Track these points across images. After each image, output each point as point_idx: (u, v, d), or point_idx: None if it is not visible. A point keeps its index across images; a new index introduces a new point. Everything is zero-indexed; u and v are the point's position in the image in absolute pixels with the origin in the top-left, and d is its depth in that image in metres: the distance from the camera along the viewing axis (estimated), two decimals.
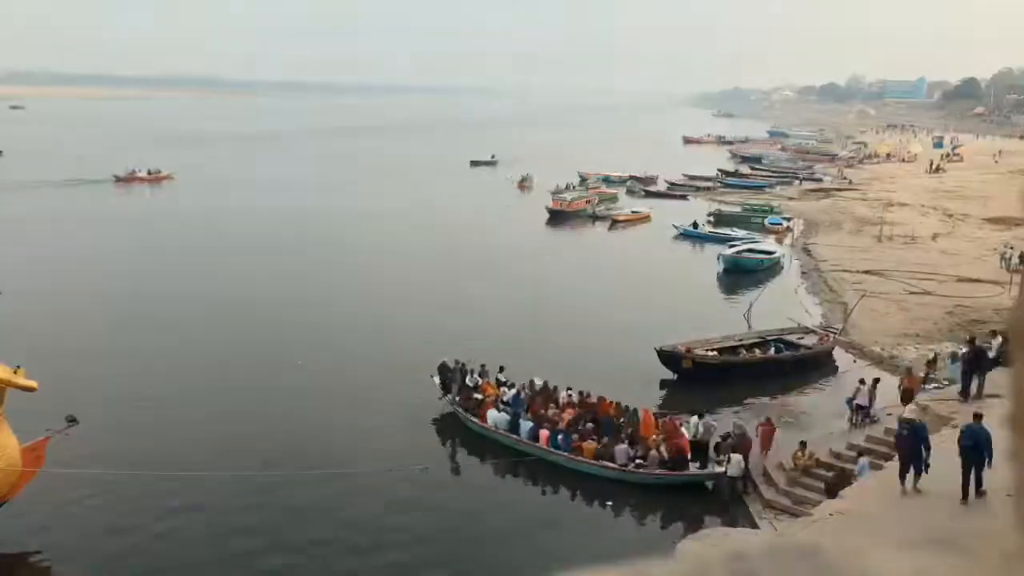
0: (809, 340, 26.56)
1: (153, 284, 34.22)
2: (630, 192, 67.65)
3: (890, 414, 18.76)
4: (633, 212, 56.16)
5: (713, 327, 29.55)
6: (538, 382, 22.01)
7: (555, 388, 21.68)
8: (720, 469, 18.35)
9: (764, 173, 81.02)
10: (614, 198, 62.82)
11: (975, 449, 11.65)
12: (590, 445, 18.94)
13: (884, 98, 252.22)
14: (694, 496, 18.41)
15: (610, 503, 18.03)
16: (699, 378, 23.56)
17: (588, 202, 57.49)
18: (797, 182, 74.31)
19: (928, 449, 12.65)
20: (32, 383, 15.99)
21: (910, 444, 12.76)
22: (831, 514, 13.71)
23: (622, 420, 20.22)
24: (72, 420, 16.69)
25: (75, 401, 19.85)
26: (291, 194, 59.48)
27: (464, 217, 53.35)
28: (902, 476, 12.92)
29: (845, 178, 74.27)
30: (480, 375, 22.20)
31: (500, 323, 30.12)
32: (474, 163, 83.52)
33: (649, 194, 66.95)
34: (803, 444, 18.42)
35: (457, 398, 21.42)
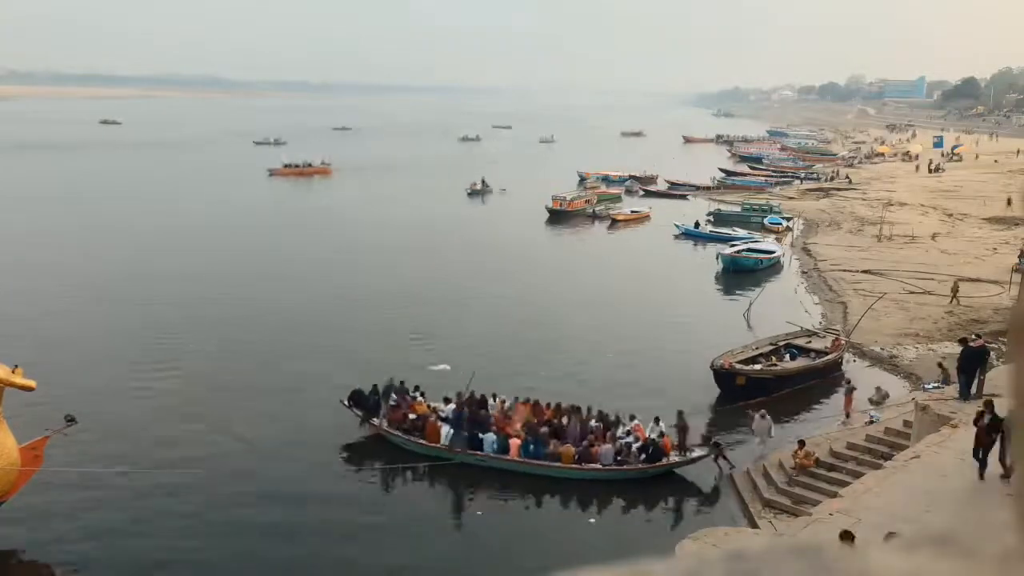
0: (816, 343, 26.41)
1: (151, 284, 34.20)
2: (628, 192, 67.67)
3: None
4: (633, 212, 56.21)
5: (712, 326, 29.58)
6: (466, 393, 20.93)
7: (483, 396, 20.78)
8: (697, 454, 18.81)
9: (765, 173, 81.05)
10: (617, 198, 62.82)
11: None
12: (569, 450, 18.62)
13: (884, 98, 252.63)
14: (678, 489, 18.38)
15: (596, 504, 17.96)
16: (750, 394, 22.88)
17: (588, 201, 57.56)
18: (797, 182, 74.33)
19: None
20: (30, 382, 15.99)
21: None
22: (831, 514, 13.71)
23: (568, 419, 19.70)
24: (71, 419, 16.71)
25: (74, 400, 19.91)
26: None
27: (460, 214, 53.36)
28: None
29: (846, 177, 74.33)
30: (399, 392, 20.92)
31: (500, 325, 30.04)
32: None
33: (648, 193, 66.99)
34: (801, 443, 18.40)
35: (386, 420, 20.16)
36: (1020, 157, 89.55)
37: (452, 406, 20.20)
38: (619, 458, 18.63)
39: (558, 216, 54.26)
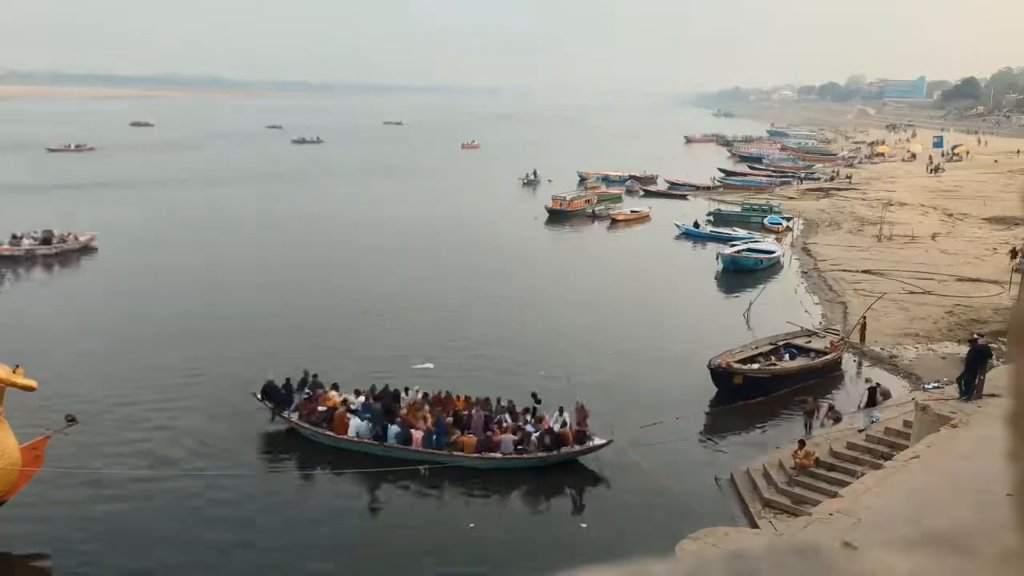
0: (816, 343, 26.40)
1: (152, 285, 34.20)
2: (629, 192, 67.70)
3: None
4: (632, 212, 56.27)
5: (713, 326, 29.58)
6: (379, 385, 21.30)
7: (395, 391, 21.02)
8: (597, 442, 19.19)
9: (765, 173, 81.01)
10: (617, 198, 62.81)
11: None
12: (470, 440, 19.10)
13: (884, 98, 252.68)
14: (678, 488, 18.37)
15: (589, 503, 17.99)
16: (747, 393, 22.99)
17: (588, 201, 57.61)
18: (797, 182, 74.33)
19: None
20: (31, 382, 16.00)
21: None
22: (831, 514, 13.70)
23: (472, 411, 20.09)
24: (72, 419, 16.74)
25: (74, 400, 19.93)
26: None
27: (460, 214, 53.31)
28: None
29: (847, 177, 74.38)
30: (312, 386, 21.01)
31: (500, 325, 30.04)
32: None
33: (648, 193, 67.01)
34: (801, 443, 18.42)
35: (296, 414, 20.28)
36: (1020, 157, 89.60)
37: (362, 398, 20.61)
38: (519, 447, 19.13)
39: (558, 216, 54.30)
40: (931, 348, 27.32)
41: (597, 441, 19.32)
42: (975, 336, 19.37)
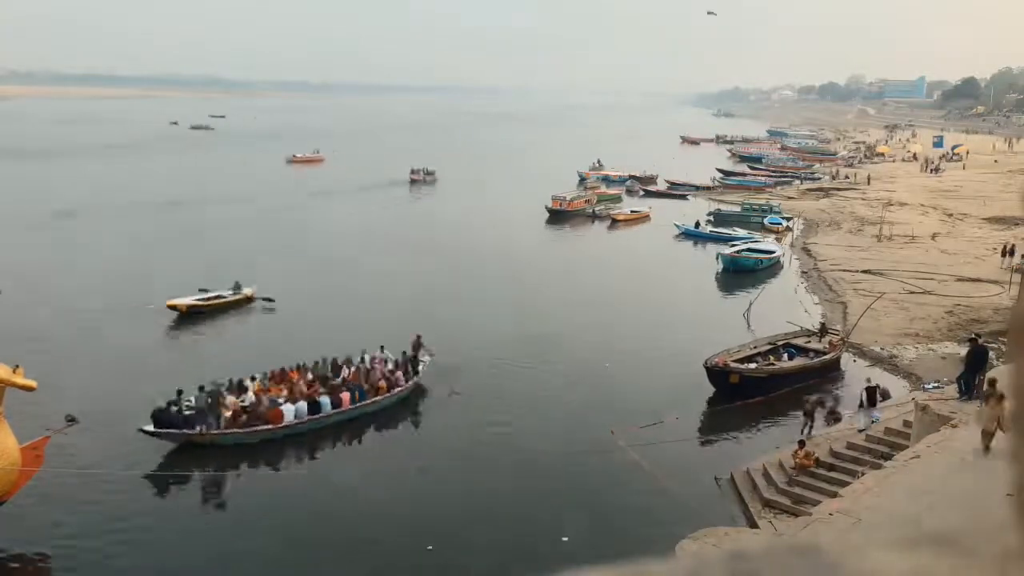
0: (815, 342, 26.39)
1: (152, 283, 34.19)
2: (629, 192, 67.71)
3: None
4: (632, 212, 56.27)
5: (713, 326, 29.59)
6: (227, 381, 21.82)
7: (240, 380, 21.56)
8: (426, 359, 23.86)
9: (764, 173, 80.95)
10: (617, 198, 62.81)
11: None
12: (383, 384, 22.29)
13: (884, 98, 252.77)
14: (678, 488, 18.36)
15: (585, 503, 17.98)
16: (744, 392, 22.98)
17: (588, 201, 57.62)
18: (798, 182, 74.29)
19: None
20: (31, 382, 16.00)
21: None
22: (831, 514, 13.71)
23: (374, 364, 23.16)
24: (72, 419, 16.76)
25: (74, 400, 19.91)
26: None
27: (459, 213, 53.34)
28: None
29: (847, 177, 74.37)
30: (211, 397, 20.68)
31: (500, 325, 30.02)
32: None
33: (648, 194, 67.02)
34: (801, 443, 18.42)
35: (206, 425, 19.82)
36: (1019, 157, 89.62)
37: (250, 392, 21.22)
38: (405, 377, 22.88)
39: (558, 216, 54.31)
40: (931, 348, 27.33)
41: (425, 359, 23.70)
42: (974, 336, 19.39)
